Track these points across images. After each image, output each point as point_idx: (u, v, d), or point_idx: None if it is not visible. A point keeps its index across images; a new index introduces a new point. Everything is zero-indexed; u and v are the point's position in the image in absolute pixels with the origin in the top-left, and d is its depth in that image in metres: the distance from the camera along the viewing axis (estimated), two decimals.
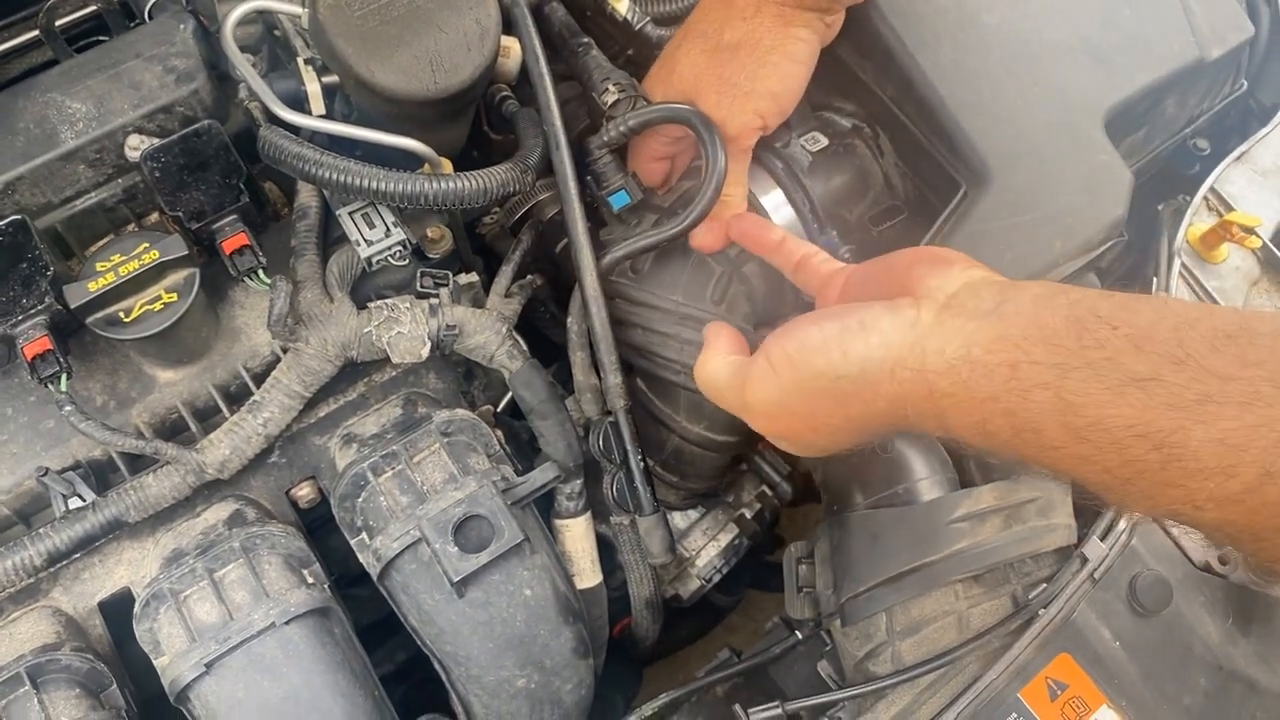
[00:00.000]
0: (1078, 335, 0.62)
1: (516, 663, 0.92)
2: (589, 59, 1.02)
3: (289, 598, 0.88)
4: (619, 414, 0.97)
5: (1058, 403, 0.61)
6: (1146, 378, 0.58)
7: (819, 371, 0.73)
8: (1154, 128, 1.13)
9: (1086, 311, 0.63)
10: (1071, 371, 0.61)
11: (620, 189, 1.00)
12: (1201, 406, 0.57)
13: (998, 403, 0.64)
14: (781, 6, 0.93)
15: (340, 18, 0.91)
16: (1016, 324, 0.65)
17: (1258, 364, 0.56)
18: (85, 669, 0.87)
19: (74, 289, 0.88)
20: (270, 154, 0.93)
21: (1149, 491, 0.60)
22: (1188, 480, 0.58)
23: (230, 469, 0.93)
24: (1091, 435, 0.60)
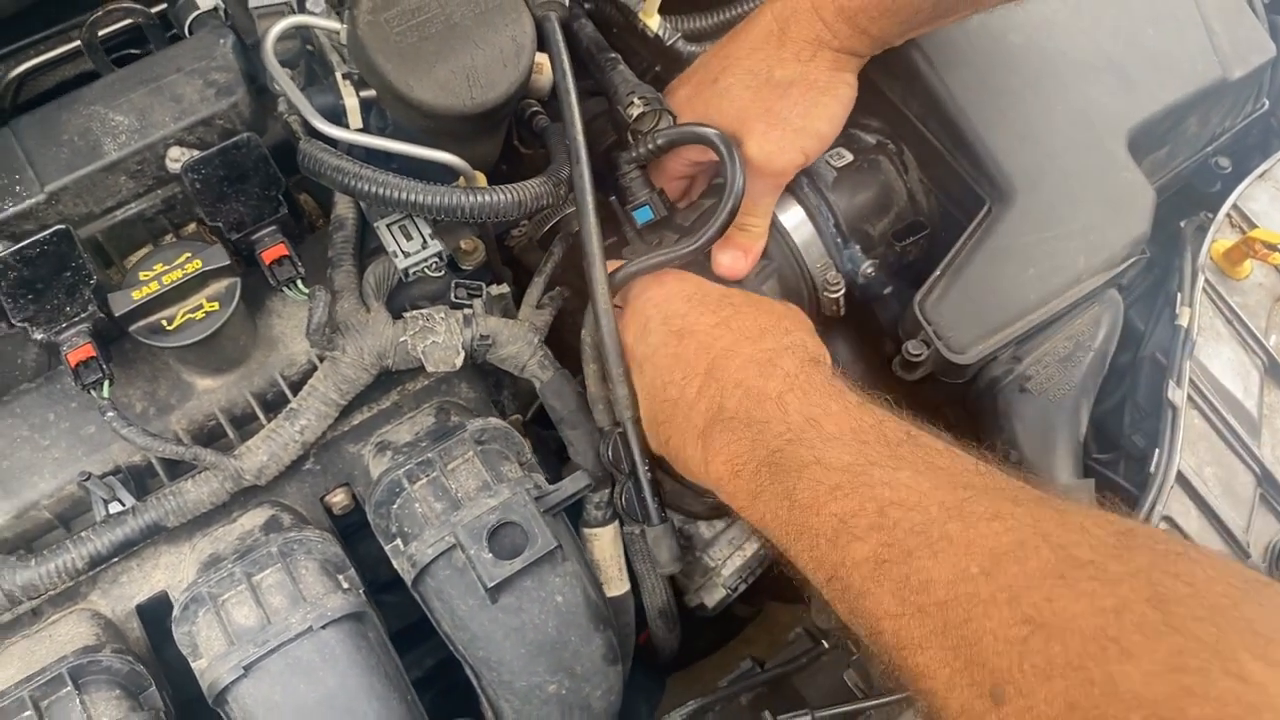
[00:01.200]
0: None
1: (548, 668, 0.93)
2: (615, 73, 1.04)
3: (325, 602, 0.89)
4: (627, 425, 0.98)
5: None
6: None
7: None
8: (1176, 146, 1.15)
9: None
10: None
11: (644, 204, 1.02)
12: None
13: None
14: (836, 53, 0.97)
15: (380, 34, 0.93)
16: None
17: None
18: (125, 670, 0.89)
19: (118, 297, 0.90)
20: (310, 166, 0.95)
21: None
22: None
23: (267, 475, 0.95)
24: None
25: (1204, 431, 1.00)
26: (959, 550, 0.64)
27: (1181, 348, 1.01)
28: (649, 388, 0.94)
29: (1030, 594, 0.59)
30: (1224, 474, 0.98)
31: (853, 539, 0.71)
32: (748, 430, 0.83)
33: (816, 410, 0.80)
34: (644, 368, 0.95)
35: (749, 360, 0.87)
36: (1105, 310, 0.98)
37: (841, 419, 0.79)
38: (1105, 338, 0.98)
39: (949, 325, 0.93)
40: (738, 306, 0.93)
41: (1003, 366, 0.96)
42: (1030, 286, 0.94)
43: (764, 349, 0.88)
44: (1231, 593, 0.55)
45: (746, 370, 0.86)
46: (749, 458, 0.82)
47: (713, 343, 0.90)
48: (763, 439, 0.81)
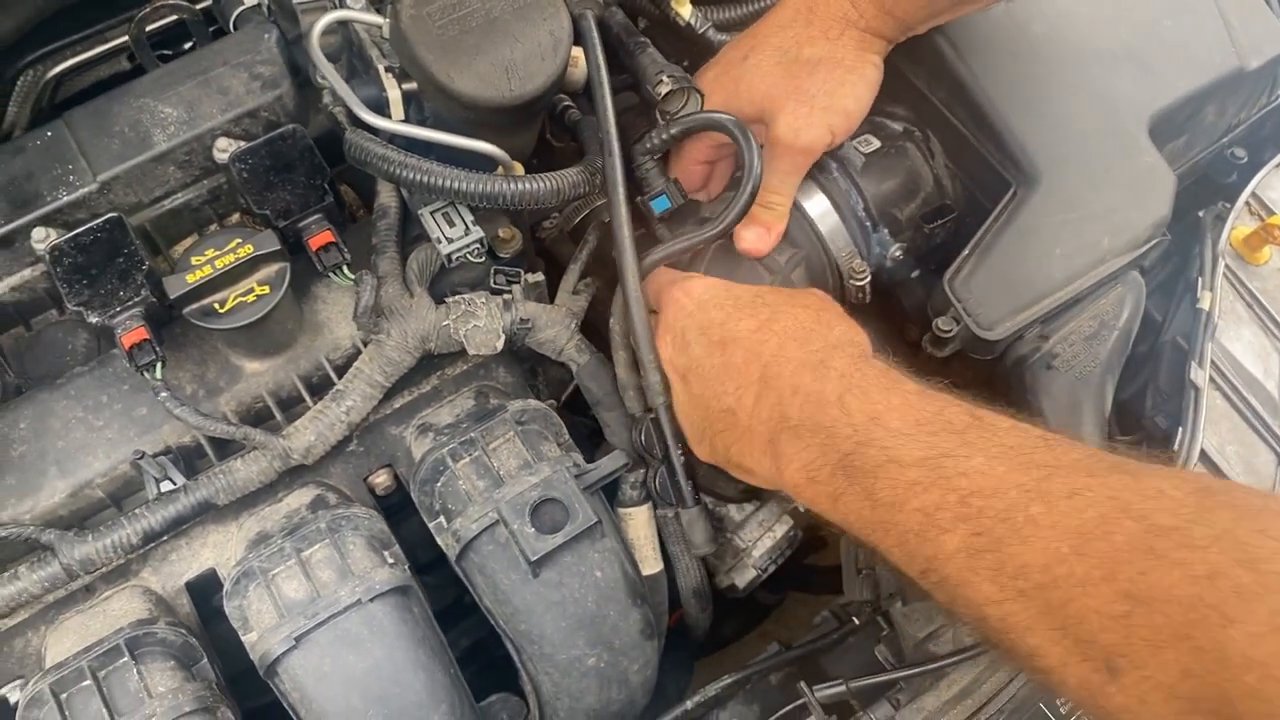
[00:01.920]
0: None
1: (587, 642, 0.96)
2: (645, 55, 1.06)
3: (373, 576, 0.92)
4: (659, 410, 1.00)
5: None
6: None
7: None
8: (1194, 135, 1.17)
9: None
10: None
11: (661, 194, 1.04)
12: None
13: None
14: (863, 33, 1.00)
15: (422, 28, 0.95)
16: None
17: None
18: (179, 642, 0.92)
19: (173, 281, 0.93)
20: (356, 155, 0.97)
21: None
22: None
23: (314, 455, 0.98)
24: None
25: (1226, 411, 1.02)
26: (1046, 532, 0.66)
27: (1204, 330, 1.04)
28: (698, 400, 0.94)
29: (1123, 569, 0.61)
30: (1246, 452, 1.00)
31: (940, 532, 0.72)
32: (815, 437, 0.83)
33: (878, 407, 0.80)
34: (689, 380, 0.95)
35: (801, 364, 0.87)
36: (1129, 290, 1.01)
37: (904, 413, 0.79)
38: (1129, 317, 1.00)
39: (978, 302, 0.95)
40: (774, 306, 0.93)
41: (1029, 344, 0.99)
42: (1056, 266, 0.96)
43: (813, 351, 0.88)
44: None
45: (801, 375, 0.86)
46: (822, 463, 0.82)
47: (759, 348, 0.90)
48: (832, 444, 0.81)
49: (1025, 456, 0.71)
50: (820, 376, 0.85)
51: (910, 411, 0.79)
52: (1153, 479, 0.65)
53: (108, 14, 1.27)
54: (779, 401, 0.86)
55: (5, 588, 0.91)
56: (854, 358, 0.86)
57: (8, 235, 0.96)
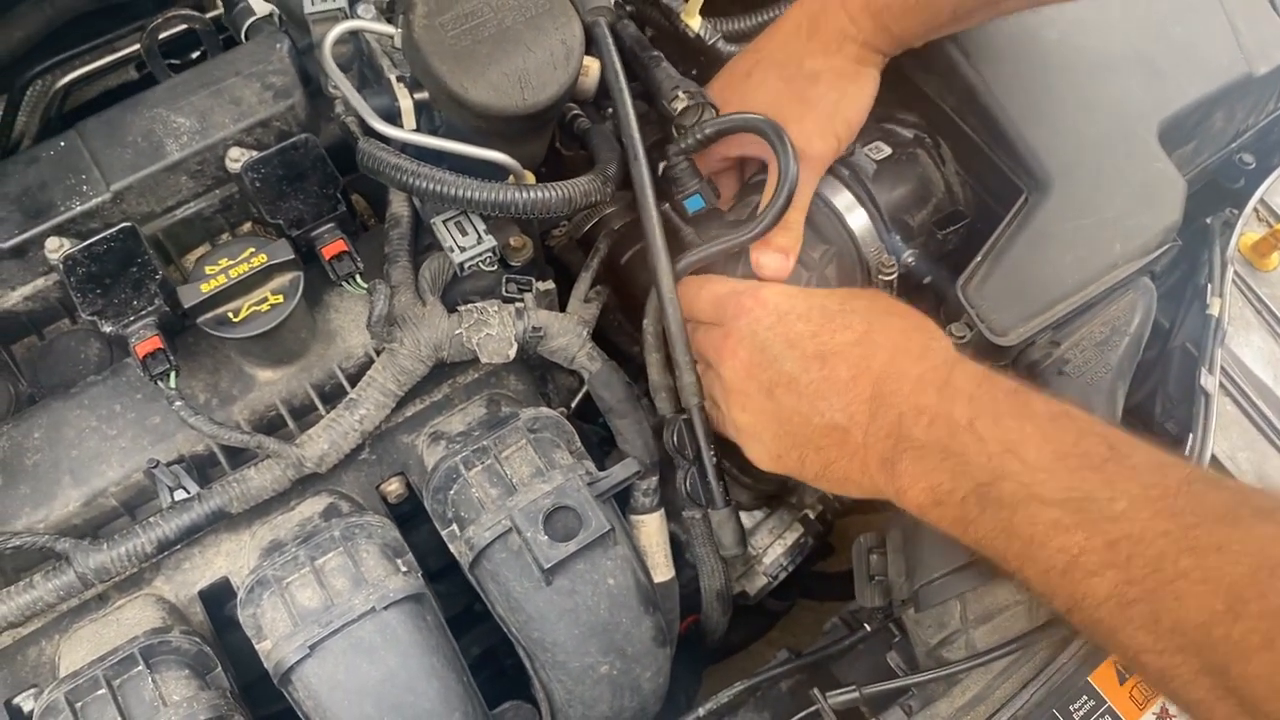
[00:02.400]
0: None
1: (600, 649, 0.96)
2: (659, 70, 1.07)
3: (387, 584, 0.92)
4: (693, 411, 1.01)
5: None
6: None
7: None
8: (1203, 141, 1.18)
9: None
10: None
11: (695, 193, 1.05)
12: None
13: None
14: (861, 47, 1.01)
15: (435, 37, 0.96)
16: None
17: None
18: (194, 651, 0.92)
19: (187, 290, 0.94)
20: (369, 165, 0.98)
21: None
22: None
23: (328, 463, 0.98)
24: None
25: (1236, 417, 1.03)
26: (1198, 588, 0.65)
27: (1213, 336, 1.04)
28: (791, 414, 0.91)
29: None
30: (1257, 458, 1.01)
31: (1087, 574, 0.71)
32: (945, 461, 0.81)
33: (1012, 436, 0.78)
34: (777, 394, 0.91)
35: (922, 382, 0.85)
36: (1140, 296, 1.01)
37: (1040, 445, 0.77)
38: (1140, 323, 1.00)
39: (991, 308, 0.96)
40: (867, 317, 0.90)
41: (1041, 350, 0.99)
42: (1068, 272, 0.97)
43: (932, 367, 0.86)
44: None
45: (924, 394, 0.84)
46: (951, 488, 0.80)
47: (867, 362, 0.87)
48: (965, 471, 0.79)
49: (1168, 501, 0.70)
50: (946, 397, 0.83)
51: (1047, 443, 0.77)
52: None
53: (116, 24, 1.28)
54: (898, 420, 0.84)
55: (20, 596, 0.91)
56: (977, 376, 0.84)
57: (21, 245, 0.97)
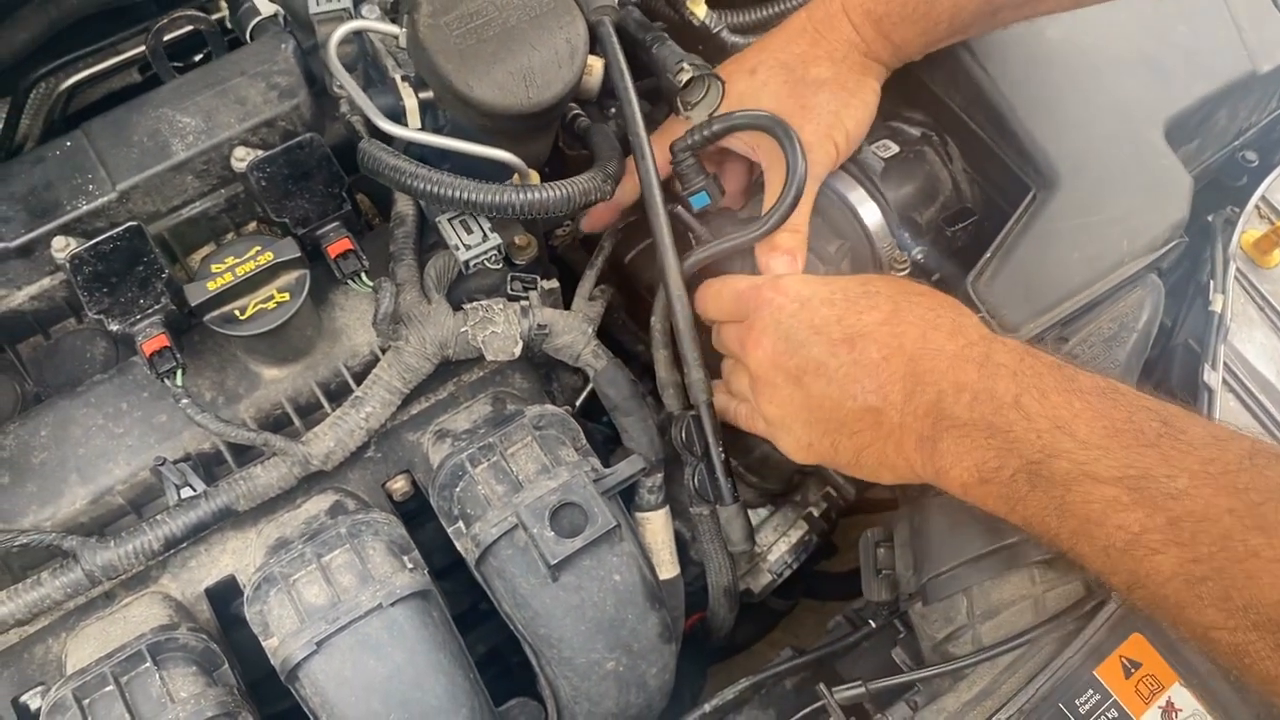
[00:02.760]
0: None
1: (606, 645, 0.96)
2: (664, 47, 1.06)
3: (393, 581, 0.92)
4: (701, 407, 1.01)
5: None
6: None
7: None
8: (1206, 139, 1.18)
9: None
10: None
11: (701, 189, 1.05)
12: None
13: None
14: (864, 57, 1.02)
15: (440, 37, 0.96)
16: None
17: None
18: (201, 648, 0.92)
19: (194, 288, 0.94)
20: (369, 165, 0.98)
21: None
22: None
23: (334, 461, 0.98)
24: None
25: (1239, 413, 1.03)
26: (1272, 566, 0.64)
27: (1216, 333, 1.05)
28: (822, 400, 0.89)
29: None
30: None
31: (1150, 552, 0.70)
32: (991, 439, 0.79)
33: (1061, 412, 0.77)
34: (806, 381, 0.89)
35: (960, 359, 0.82)
36: (1148, 293, 1.02)
37: (1091, 420, 0.75)
38: (1148, 319, 1.01)
39: (1000, 304, 0.96)
40: (892, 297, 0.88)
41: (1050, 346, 0.99)
42: (1076, 268, 0.97)
43: (968, 343, 0.83)
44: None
45: (963, 370, 0.81)
46: (998, 466, 0.78)
47: (898, 341, 0.85)
48: (1013, 448, 0.77)
49: (1230, 477, 0.69)
50: (988, 373, 0.80)
51: (1098, 419, 0.75)
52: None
53: (120, 26, 1.29)
54: (937, 397, 0.82)
55: (27, 594, 0.91)
56: (1018, 351, 0.82)
57: (28, 244, 0.97)
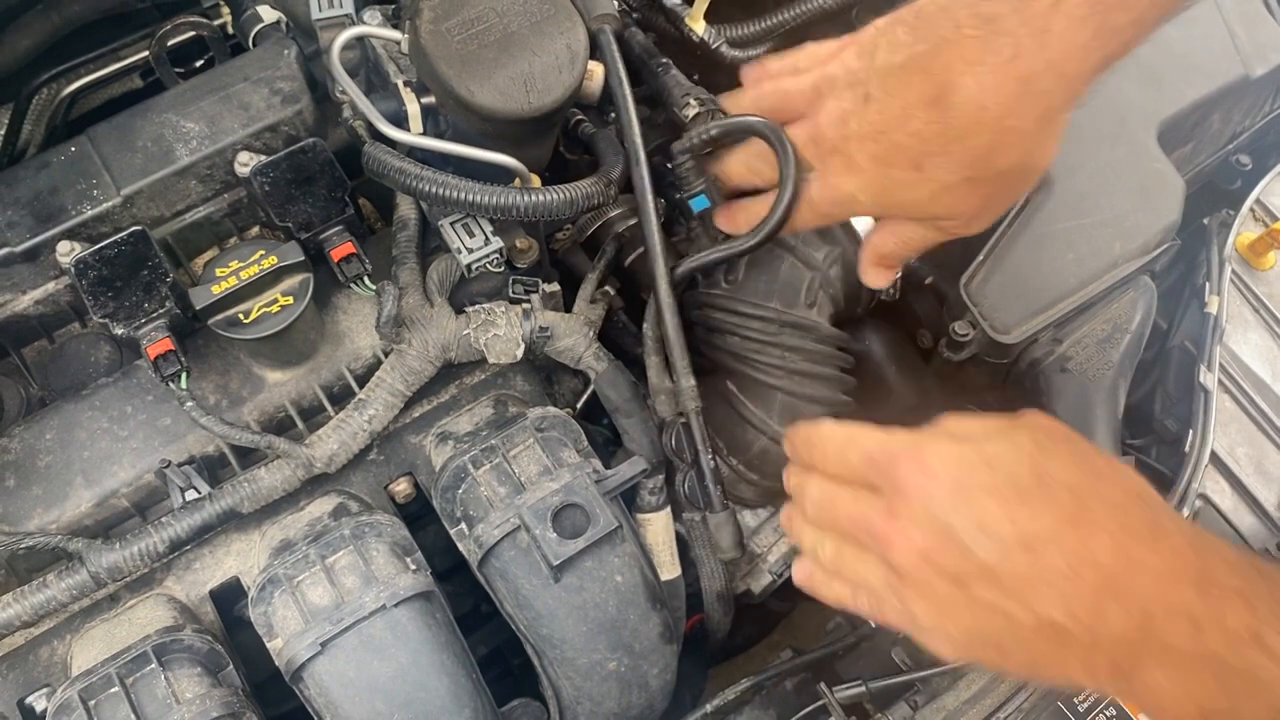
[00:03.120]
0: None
1: (608, 646, 0.97)
2: (669, 77, 1.08)
3: (397, 582, 0.93)
4: (690, 415, 1.02)
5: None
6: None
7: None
8: (1200, 143, 1.19)
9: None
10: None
11: (700, 193, 1.05)
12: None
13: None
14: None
15: (441, 42, 0.97)
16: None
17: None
18: (206, 649, 0.93)
19: (198, 292, 0.95)
20: (374, 168, 0.99)
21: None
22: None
23: (337, 463, 0.99)
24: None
25: (1235, 414, 1.04)
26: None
27: (1211, 334, 1.06)
28: (990, 609, 0.74)
29: None
30: (1255, 454, 1.02)
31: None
32: (1221, 678, 0.67)
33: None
34: (971, 586, 0.74)
35: (1171, 575, 0.70)
36: (1140, 295, 1.03)
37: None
38: (1141, 321, 1.02)
39: (993, 306, 0.97)
40: (1067, 484, 0.74)
41: (1043, 348, 1.00)
42: (1070, 270, 0.98)
43: (1176, 554, 0.71)
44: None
45: (1177, 591, 0.69)
46: (1230, 708, 0.68)
47: (1086, 550, 0.71)
48: (1253, 692, 0.67)
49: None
50: (1213, 597, 0.68)
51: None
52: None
53: (122, 33, 1.29)
54: (1146, 622, 0.69)
55: (34, 596, 0.92)
56: (1239, 566, 0.70)
57: (33, 249, 0.98)
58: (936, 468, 0.75)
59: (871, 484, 0.78)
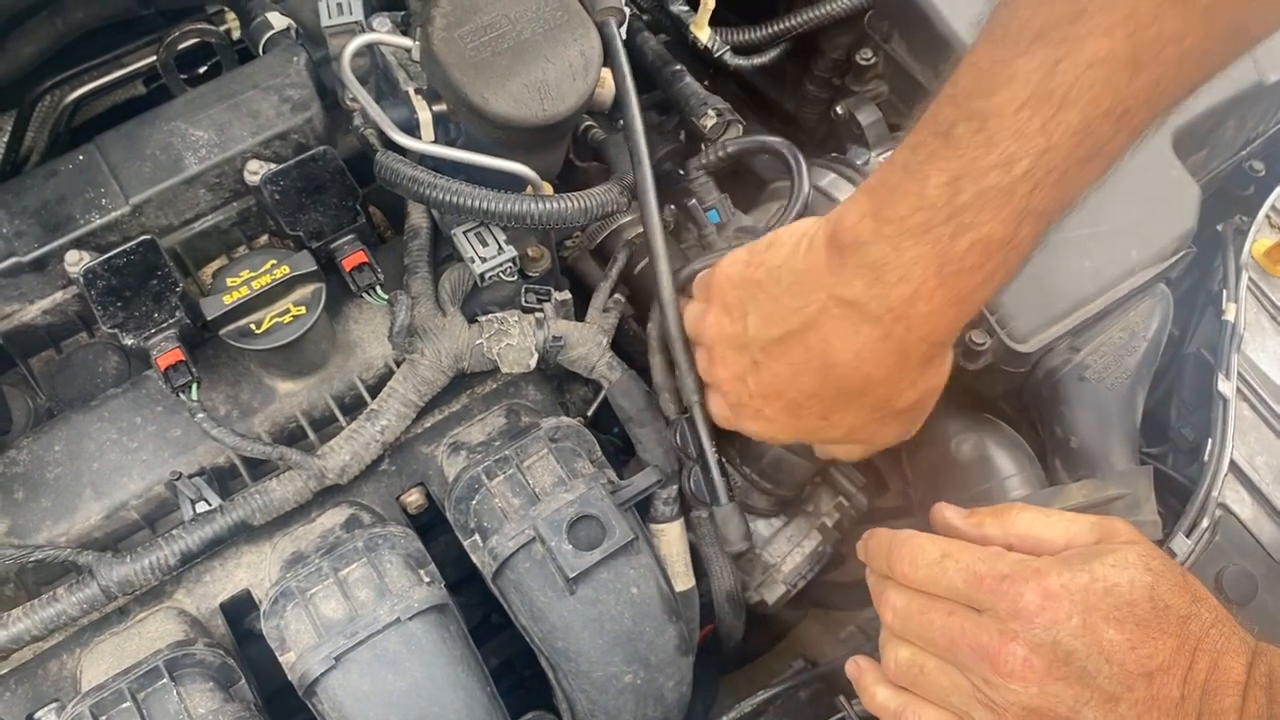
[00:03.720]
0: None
1: (624, 659, 0.96)
2: (684, 85, 1.08)
3: (411, 595, 0.92)
4: (694, 408, 1.00)
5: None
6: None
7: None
8: (1214, 149, 1.18)
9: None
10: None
11: (712, 208, 1.06)
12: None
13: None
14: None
15: (454, 49, 0.96)
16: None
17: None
18: (218, 664, 0.92)
19: (209, 302, 0.94)
20: (386, 177, 0.98)
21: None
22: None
23: (349, 474, 0.98)
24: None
25: (1254, 423, 1.03)
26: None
27: (1229, 341, 1.05)
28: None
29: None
30: (1275, 462, 1.01)
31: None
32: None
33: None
34: (1085, 714, 0.74)
35: (1250, 685, 0.72)
36: (1158, 303, 1.02)
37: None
38: (1158, 328, 1.01)
39: (1010, 315, 0.96)
40: (1175, 607, 0.74)
41: (1060, 357, 0.99)
42: (1086, 278, 0.97)
43: (1249, 663, 0.73)
44: None
45: (1252, 699, 0.72)
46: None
47: (1193, 674, 0.73)
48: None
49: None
50: (1273, 696, 0.72)
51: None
52: None
53: (125, 40, 1.28)
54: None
55: (44, 610, 0.91)
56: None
57: (41, 258, 0.97)
58: (1057, 592, 0.75)
59: (975, 603, 0.78)
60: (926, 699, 0.81)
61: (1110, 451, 0.97)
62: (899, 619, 0.83)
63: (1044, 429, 1.02)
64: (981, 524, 0.85)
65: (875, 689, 0.86)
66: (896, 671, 0.83)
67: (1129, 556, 0.76)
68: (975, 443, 0.99)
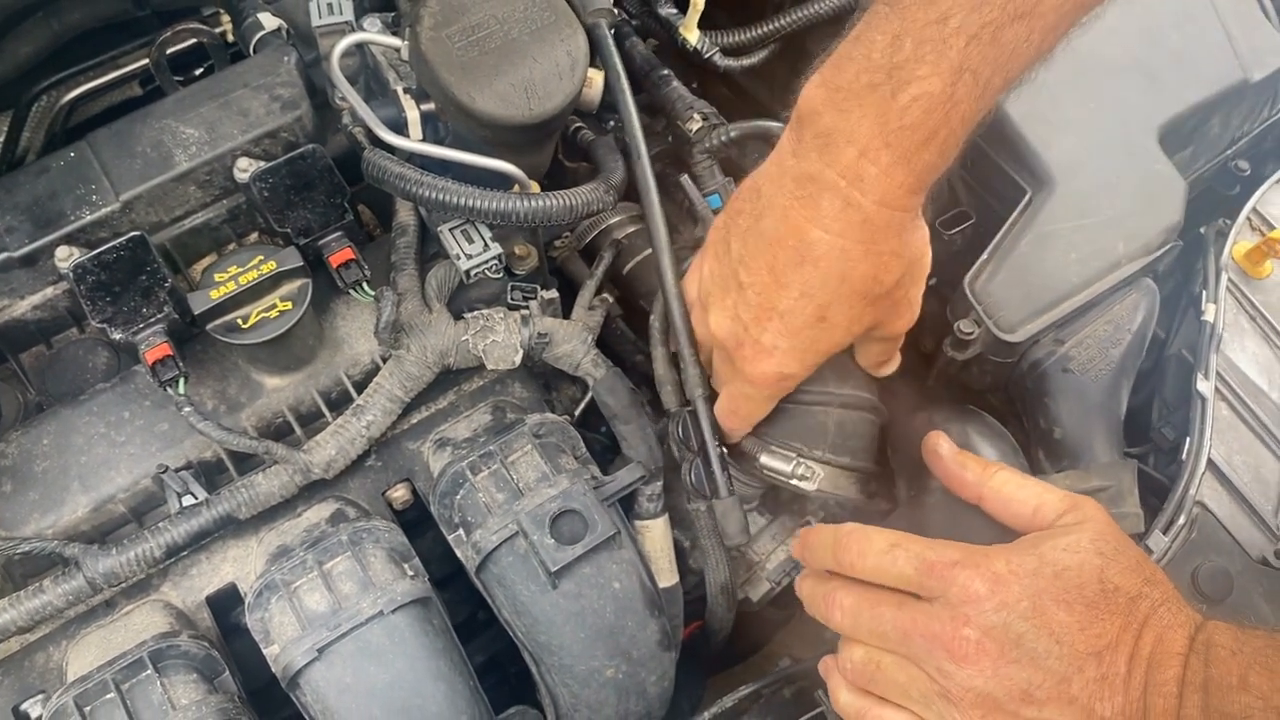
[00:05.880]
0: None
1: (606, 653, 0.96)
2: (671, 90, 1.09)
3: (394, 588, 0.92)
4: (698, 402, 1.01)
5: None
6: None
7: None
8: (1200, 147, 1.19)
9: None
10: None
11: (715, 192, 1.07)
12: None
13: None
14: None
15: (442, 49, 0.97)
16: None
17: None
18: (202, 655, 0.92)
19: (197, 297, 0.95)
20: (375, 174, 0.99)
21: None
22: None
23: (335, 469, 0.99)
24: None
25: (1232, 422, 1.04)
26: None
27: (1209, 342, 1.06)
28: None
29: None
30: (1252, 461, 1.02)
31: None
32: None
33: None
34: (1039, 698, 0.75)
35: (1189, 653, 0.74)
36: (1143, 296, 1.03)
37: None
38: (1143, 322, 1.02)
39: (998, 305, 0.97)
40: (1123, 587, 0.76)
41: (1045, 349, 1.00)
42: (1073, 270, 0.99)
43: (1189, 635, 0.75)
44: None
45: (1191, 668, 0.73)
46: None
47: (1138, 648, 0.75)
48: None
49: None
50: (1216, 659, 0.73)
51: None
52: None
53: (121, 40, 1.30)
54: (1176, 706, 0.73)
55: (29, 601, 0.91)
56: (1231, 632, 0.74)
57: (31, 254, 0.98)
58: (1004, 576, 0.76)
59: (926, 591, 0.79)
60: (886, 698, 0.82)
61: (1093, 443, 0.98)
62: (849, 618, 0.84)
63: (1028, 420, 1.03)
64: (965, 464, 0.87)
65: (838, 692, 0.87)
66: (854, 672, 0.84)
67: (1081, 540, 0.77)
68: (958, 433, 0.99)
